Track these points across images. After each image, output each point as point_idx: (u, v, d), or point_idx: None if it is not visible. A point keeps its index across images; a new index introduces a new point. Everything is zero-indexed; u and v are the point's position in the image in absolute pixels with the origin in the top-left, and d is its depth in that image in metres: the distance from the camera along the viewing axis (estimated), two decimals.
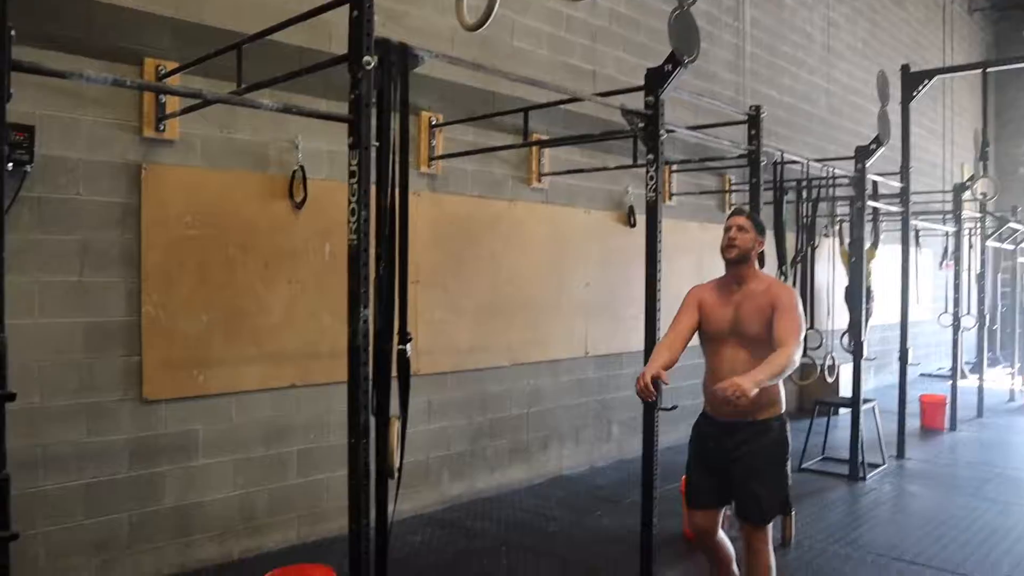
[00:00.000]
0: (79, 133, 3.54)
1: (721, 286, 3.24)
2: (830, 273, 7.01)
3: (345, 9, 2.67)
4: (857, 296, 5.86)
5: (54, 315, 3.43)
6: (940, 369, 11.66)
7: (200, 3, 3.92)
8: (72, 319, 3.52)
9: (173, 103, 3.76)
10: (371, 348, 2.75)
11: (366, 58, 2.60)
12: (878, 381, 9.99)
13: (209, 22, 3.93)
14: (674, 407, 3.49)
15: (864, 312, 6.07)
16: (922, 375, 11.48)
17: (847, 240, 6.63)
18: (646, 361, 3.71)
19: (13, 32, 1.94)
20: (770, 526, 3.16)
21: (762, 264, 3.27)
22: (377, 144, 2.73)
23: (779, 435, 3.12)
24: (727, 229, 3.19)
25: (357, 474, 2.69)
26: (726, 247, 3.18)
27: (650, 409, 3.61)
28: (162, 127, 3.74)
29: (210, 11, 3.95)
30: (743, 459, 3.09)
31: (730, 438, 3.12)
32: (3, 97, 1.91)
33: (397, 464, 2.92)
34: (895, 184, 6.88)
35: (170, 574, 3.86)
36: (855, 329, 5.86)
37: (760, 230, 3.21)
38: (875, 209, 7.00)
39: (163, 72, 3.71)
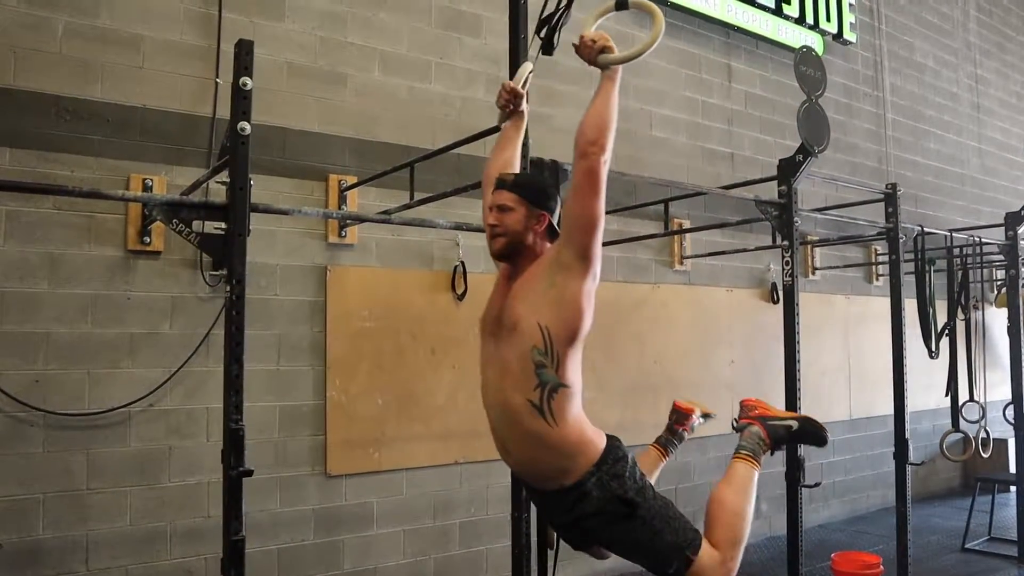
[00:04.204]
0: (276, 242, 4.13)
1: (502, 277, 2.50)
2: (992, 343, 6.79)
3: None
4: (1017, 363, 5.69)
5: (257, 399, 3.96)
6: None
7: (374, 123, 4.50)
8: (271, 403, 4.06)
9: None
10: None
11: None
12: None
13: (382, 139, 4.50)
14: (817, 484, 3.58)
15: None
16: None
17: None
18: None
19: (252, 182, 2.43)
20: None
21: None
22: None
23: (603, 493, 2.30)
24: (488, 211, 2.40)
25: (519, 544, 2.99)
26: (489, 239, 2.40)
27: (793, 486, 3.72)
28: (344, 233, 4.29)
29: (383, 130, 4.51)
30: (593, 534, 2.42)
31: (555, 514, 2.48)
32: (245, 232, 2.40)
33: (555, 536, 3.19)
34: None
35: None
36: (1017, 399, 5.67)
37: (539, 199, 2.38)
38: None
39: (345, 185, 4.27)
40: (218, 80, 3.98)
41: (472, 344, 4.64)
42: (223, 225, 2.59)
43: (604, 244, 5.34)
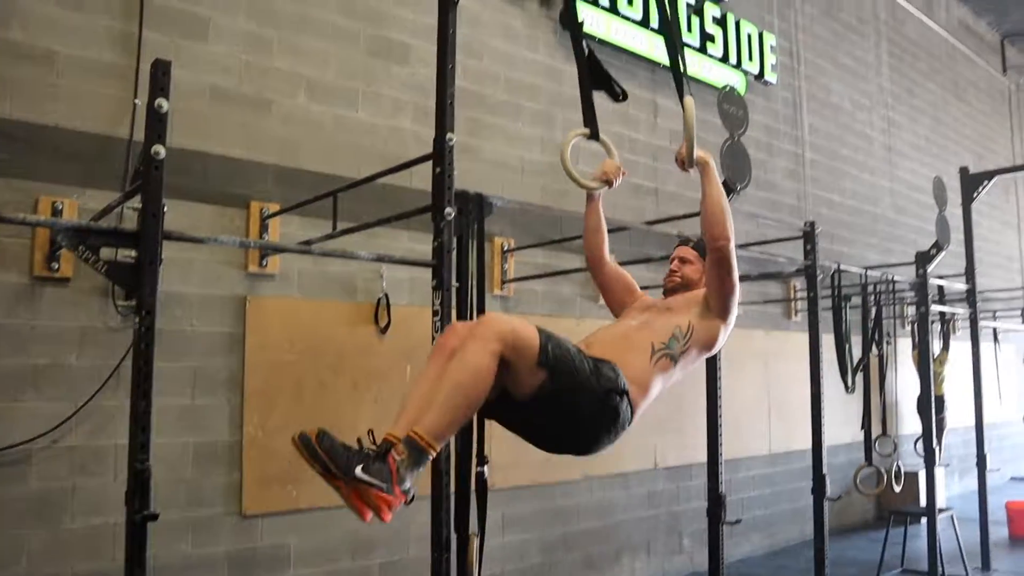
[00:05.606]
0: (193, 271, 3.99)
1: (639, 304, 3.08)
2: (903, 377, 7.00)
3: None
4: (927, 403, 5.88)
5: (169, 436, 3.78)
6: None
7: (298, 150, 4.40)
8: (184, 439, 3.88)
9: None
10: (452, 470, 3.01)
11: (447, 210, 2.95)
12: (963, 487, 9.68)
13: (306, 167, 4.40)
14: (738, 521, 3.61)
15: (938, 422, 6.07)
16: (1013, 479, 11.03)
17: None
18: (712, 473, 3.88)
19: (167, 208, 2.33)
20: (499, 336, 2.32)
21: None
22: (457, 285, 3.06)
23: (612, 399, 2.69)
24: (671, 261, 3.09)
25: None
26: (667, 278, 3.07)
27: (715, 523, 3.75)
28: (264, 263, 4.17)
29: (307, 157, 4.42)
30: (562, 380, 2.53)
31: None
32: (156, 261, 2.30)
33: None
34: (961, 287, 6.92)
35: None
36: (927, 434, 5.86)
37: None
38: (942, 312, 7.03)
39: (267, 213, 4.16)
40: (136, 101, 3.84)
41: (394, 379, 4.58)
42: (133, 253, 2.48)
43: (528, 278, 5.38)
